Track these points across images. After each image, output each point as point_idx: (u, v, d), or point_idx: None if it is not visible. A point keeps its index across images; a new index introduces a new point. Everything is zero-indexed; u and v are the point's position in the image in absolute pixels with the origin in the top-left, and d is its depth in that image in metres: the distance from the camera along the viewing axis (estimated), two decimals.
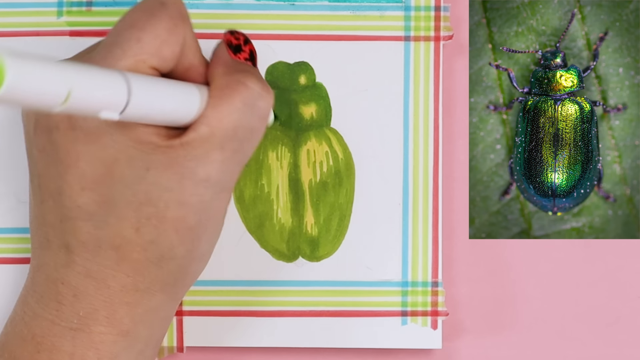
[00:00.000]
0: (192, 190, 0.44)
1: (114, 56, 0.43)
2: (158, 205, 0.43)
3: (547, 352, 0.55)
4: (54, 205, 0.44)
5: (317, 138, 0.54)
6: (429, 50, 0.54)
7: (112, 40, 0.44)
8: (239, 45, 0.47)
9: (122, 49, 0.43)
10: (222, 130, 0.44)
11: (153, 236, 0.44)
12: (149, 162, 0.43)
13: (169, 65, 0.44)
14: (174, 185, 0.43)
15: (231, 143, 0.44)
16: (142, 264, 0.44)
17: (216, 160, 0.44)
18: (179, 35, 0.44)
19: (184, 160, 0.43)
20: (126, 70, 0.42)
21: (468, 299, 0.55)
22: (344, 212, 0.54)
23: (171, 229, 0.44)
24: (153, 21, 0.44)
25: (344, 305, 0.54)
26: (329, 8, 0.54)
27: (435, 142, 0.54)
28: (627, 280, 0.56)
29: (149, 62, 0.43)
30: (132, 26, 0.44)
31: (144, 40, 0.43)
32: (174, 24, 0.44)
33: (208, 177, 0.44)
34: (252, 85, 0.45)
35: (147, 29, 0.43)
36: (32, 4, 0.54)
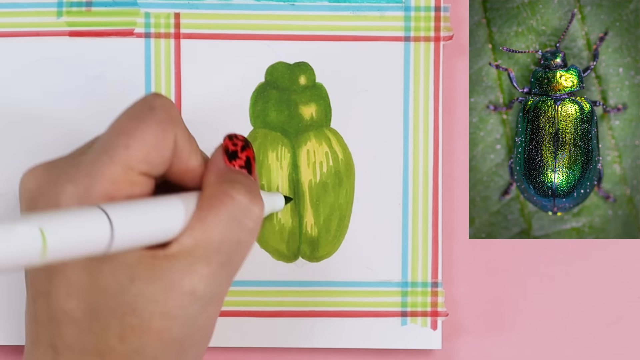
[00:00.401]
0: (178, 303, 0.43)
1: (102, 162, 0.43)
2: (142, 316, 0.43)
3: (547, 352, 0.55)
4: (43, 304, 0.44)
5: (317, 138, 0.54)
6: (429, 50, 0.54)
7: (101, 146, 0.44)
8: (236, 152, 0.46)
9: (109, 155, 0.43)
10: (207, 243, 0.43)
11: (137, 346, 0.43)
12: (133, 274, 0.42)
13: (160, 169, 0.44)
14: (159, 297, 0.43)
15: (217, 256, 0.43)
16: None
17: (202, 274, 0.43)
18: (168, 140, 0.44)
19: (169, 272, 0.43)
20: (114, 177, 0.42)
21: (468, 299, 0.55)
22: (343, 213, 0.54)
23: (155, 339, 0.43)
24: (141, 127, 0.43)
25: (344, 306, 0.54)
26: (329, 8, 0.54)
27: (435, 142, 0.54)
28: (627, 280, 0.56)
29: (138, 168, 0.43)
30: (120, 132, 0.43)
31: (132, 146, 0.43)
32: (162, 129, 0.44)
33: (194, 290, 0.43)
34: (240, 197, 0.44)
35: (135, 135, 0.43)
36: (32, 4, 0.54)
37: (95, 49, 0.54)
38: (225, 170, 0.46)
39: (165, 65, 0.54)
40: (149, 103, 0.44)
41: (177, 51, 0.54)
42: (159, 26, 0.54)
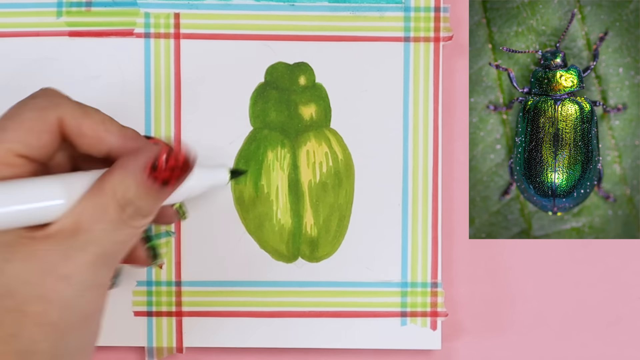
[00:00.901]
0: (53, 286, 0.42)
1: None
2: (16, 298, 0.42)
3: (547, 352, 0.55)
4: None
5: (317, 139, 0.54)
6: (429, 50, 0.54)
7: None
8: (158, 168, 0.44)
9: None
10: (85, 231, 0.43)
11: (14, 329, 0.42)
12: (9, 254, 0.42)
13: (42, 152, 0.44)
14: (35, 279, 0.42)
15: (95, 247, 0.43)
16: (5, 356, 0.43)
17: (78, 261, 0.43)
18: (47, 124, 0.44)
19: (46, 254, 0.42)
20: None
21: (467, 299, 0.55)
22: (343, 213, 0.54)
23: (32, 323, 0.43)
24: (20, 110, 0.44)
25: (344, 306, 0.54)
26: (328, 9, 0.54)
27: (435, 142, 0.54)
28: (627, 280, 0.56)
29: (14, 149, 0.43)
30: (4, 116, 0.44)
31: (9, 128, 0.44)
32: (39, 114, 0.44)
33: (70, 274, 0.43)
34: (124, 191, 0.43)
35: (12, 118, 0.44)
36: (31, 4, 0.54)
37: (95, 49, 0.54)
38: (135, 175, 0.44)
39: (165, 65, 0.54)
40: (34, 93, 0.45)
41: (177, 51, 0.54)
42: (158, 26, 0.54)
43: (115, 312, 0.54)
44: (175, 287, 0.54)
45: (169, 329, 0.54)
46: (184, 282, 0.54)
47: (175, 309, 0.54)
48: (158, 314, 0.54)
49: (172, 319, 0.54)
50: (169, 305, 0.54)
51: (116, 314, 0.54)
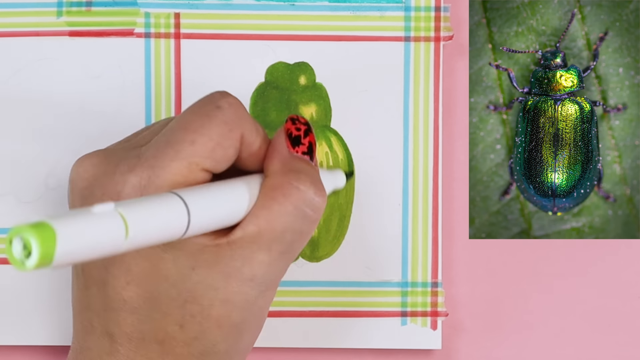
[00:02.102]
0: (237, 289, 0.43)
1: (167, 156, 0.43)
2: (202, 303, 0.43)
3: (547, 352, 0.55)
4: (97, 293, 0.44)
5: (317, 138, 0.54)
6: (429, 50, 0.54)
7: (165, 139, 0.44)
8: (299, 137, 0.46)
9: (175, 149, 0.43)
10: (270, 232, 0.43)
11: (197, 333, 0.43)
12: (194, 261, 0.43)
13: (223, 166, 0.44)
14: (219, 284, 0.43)
15: (279, 245, 0.44)
16: (185, 358, 0.44)
17: (263, 261, 0.44)
18: (233, 139, 0.44)
19: (230, 260, 0.43)
20: (178, 171, 0.43)
21: (468, 299, 0.55)
22: (343, 213, 0.54)
23: (215, 326, 0.44)
24: (208, 125, 0.43)
25: (344, 306, 0.54)
26: (329, 8, 0.54)
27: (435, 142, 0.54)
28: (627, 280, 0.56)
29: (202, 164, 0.43)
30: (186, 128, 0.43)
31: (198, 142, 0.43)
32: (228, 129, 0.44)
33: (253, 276, 0.44)
34: (306, 189, 0.44)
35: (201, 131, 0.43)
36: (32, 4, 0.54)
37: (95, 49, 0.54)
38: (288, 158, 0.45)
39: (165, 65, 0.54)
40: (215, 101, 0.44)
41: (177, 51, 0.54)
42: (159, 26, 0.54)
43: None
44: None
45: None
46: None
47: None
48: None
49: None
50: None
51: None
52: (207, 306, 0.43)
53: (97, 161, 0.44)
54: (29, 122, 0.54)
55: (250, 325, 0.45)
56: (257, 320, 0.45)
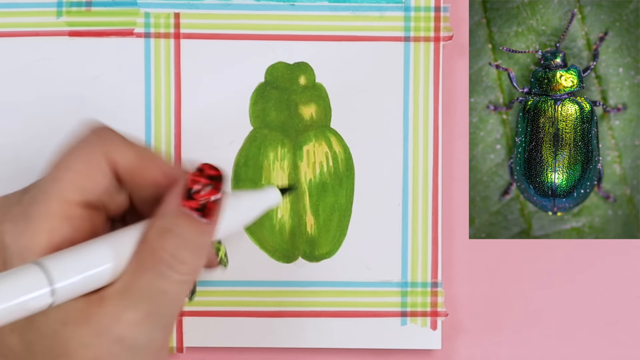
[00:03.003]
0: (107, 349, 0.42)
1: (37, 200, 0.42)
2: (72, 359, 0.42)
3: (547, 352, 0.55)
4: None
5: (317, 138, 0.54)
6: (429, 50, 0.54)
7: (38, 182, 0.43)
8: (192, 192, 0.43)
9: (42, 192, 0.42)
10: (134, 289, 0.42)
11: None
12: (65, 318, 0.42)
13: (99, 194, 0.43)
14: (90, 342, 0.42)
15: (145, 305, 0.42)
16: None
17: (130, 321, 0.42)
18: (100, 166, 0.43)
19: (100, 317, 0.42)
20: (51, 213, 0.42)
21: (468, 299, 0.55)
22: (343, 213, 0.54)
23: None
24: (68, 157, 0.43)
25: (344, 306, 0.54)
26: (329, 8, 0.54)
27: (435, 142, 0.54)
28: (627, 280, 0.56)
29: (73, 199, 0.42)
30: (51, 166, 0.43)
31: (61, 178, 0.42)
32: (90, 157, 0.43)
33: (122, 337, 0.42)
34: (169, 253, 0.42)
35: (61, 166, 0.43)
36: (32, 4, 0.54)
37: (95, 49, 0.54)
38: (171, 213, 0.43)
39: (165, 65, 0.54)
40: (80, 133, 0.44)
41: (177, 51, 0.54)
42: (158, 26, 0.54)
43: None
44: None
45: None
46: None
47: None
48: None
49: None
50: None
51: None
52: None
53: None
54: (28, 122, 0.54)
55: None
56: None
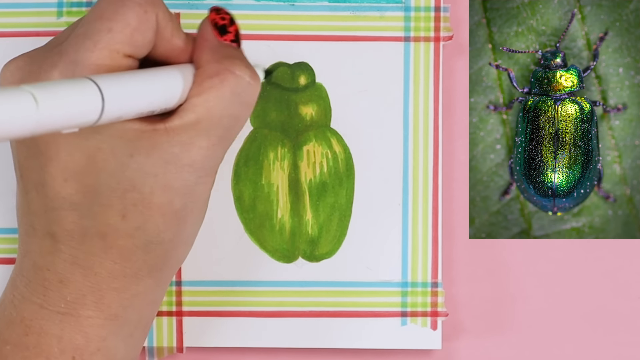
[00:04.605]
0: (177, 175, 0.44)
1: (86, 48, 0.43)
2: (143, 191, 0.43)
3: (547, 352, 0.55)
4: (37, 195, 0.44)
5: (317, 138, 0.54)
6: (429, 50, 0.54)
7: (83, 31, 0.44)
8: (225, 26, 0.47)
9: (93, 40, 0.43)
10: (209, 119, 0.44)
11: (139, 222, 0.44)
12: (132, 149, 0.43)
13: (143, 50, 0.44)
14: (159, 171, 0.43)
15: (217, 131, 0.44)
16: (129, 250, 0.44)
17: (201, 147, 0.44)
18: (150, 22, 0.44)
19: (168, 146, 0.43)
20: (100, 61, 0.43)
21: (468, 299, 0.55)
22: (344, 213, 0.54)
23: (157, 214, 0.44)
24: (122, 10, 0.44)
25: (344, 306, 0.54)
26: (329, 8, 0.54)
27: (435, 142, 0.54)
28: (627, 280, 0.56)
29: (122, 50, 0.43)
30: (101, 17, 0.44)
31: (115, 29, 0.43)
32: (143, 11, 0.44)
33: (192, 162, 0.44)
34: (241, 73, 0.45)
35: (117, 18, 0.43)
36: (32, 4, 0.54)
37: None
38: (219, 46, 0.46)
39: None
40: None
41: None
42: None
43: None
44: (175, 287, 0.54)
45: (169, 328, 0.54)
46: (184, 282, 0.54)
47: (176, 309, 0.54)
48: (158, 314, 0.54)
49: (173, 319, 0.54)
50: (170, 305, 0.54)
51: None
52: (147, 194, 0.43)
53: (22, 63, 0.45)
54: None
55: (192, 212, 0.45)
56: (198, 208, 0.45)
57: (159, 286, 0.46)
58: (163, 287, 0.47)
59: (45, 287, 0.44)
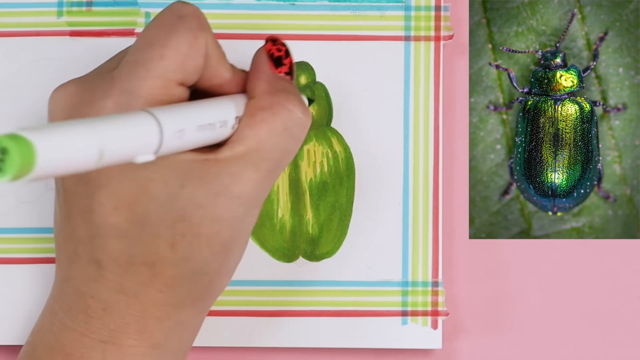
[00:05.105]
0: (226, 207, 0.43)
1: (139, 76, 0.42)
2: (192, 221, 0.43)
3: (547, 352, 0.55)
4: (82, 221, 0.44)
5: (318, 138, 0.54)
6: (429, 50, 0.54)
7: (135, 58, 0.43)
8: (280, 58, 0.47)
9: (146, 68, 0.43)
10: (259, 151, 0.44)
11: (187, 252, 0.43)
12: (183, 179, 0.43)
13: (194, 77, 0.44)
14: (209, 202, 0.43)
15: (267, 164, 0.44)
16: (176, 279, 0.44)
17: (250, 179, 0.44)
18: (200, 47, 0.44)
19: (219, 177, 0.43)
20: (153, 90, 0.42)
21: (468, 299, 0.55)
22: (344, 212, 0.54)
23: (205, 244, 0.43)
24: (173, 36, 0.43)
25: (344, 305, 0.54)
26: (329, 8, 0.54)
27: (435, 142, 0.55)
28: (627, 280, 0.56)
29: (175, 78, 0.43)
30: (153, 44, 0.43)
31: (167, 57, 0.43)
32: (194, 37, 0.43)
33: (242, 194, 0.43)
34: (294, 109, 0.44)
35: (169, 45, 0.43)
36: (32, 4, 0.54)
37: (96, 49, 0.54)
38: (273, 78, 0.46)
39: None
40: (177, 12, 0.44)
41: None
42: None
43: None
44: None
45: None
46: None
47: None
48: None
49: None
50: None
51: None
52: (196, 225, 0.43)
53: (74, 90, 0.44)
54: (29, 122, 0.54)
55: (238, 243, 0.45)
56: (243, 239, 0.45)
57: (200, 314, 0.46)
58: (203, 316, 0.46)
59: (87, 314, 0.44)
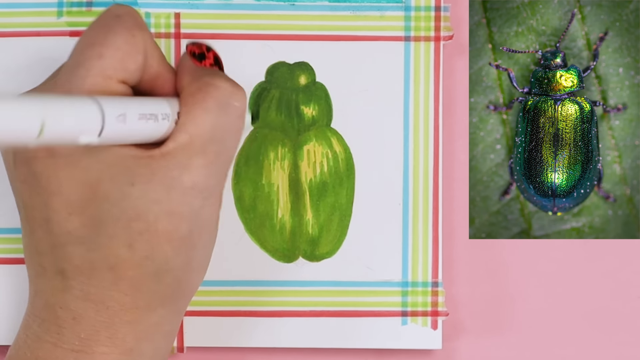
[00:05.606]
0: (180, 200, 0.43)
1: (79, 76, 0.43)
2: (148, 219, 0.43)
3: (547, 352, 0.55)
4: (43, 234, 0.44)
5: (318, 138, 0.54)
6: (429, 50, 0.54)
7: (75, 60, 0.44)
8: (202, 53, 0.47)
9: (86, 67, 0.43)
10: (200, 134, 0.44)
11: (147, 251, 0.43)
12: (132, 177, 0.43)
13: (135, 76, 0.44)
14: (162, 197, 0.43)
15: (212, 146, 0.44)
16: (139, 280, 0.43)
17: (200, 166, 0.44)
18: (138, 44, 0.44)
19: (167, 170, 0.43)
20: (94, 87, 0.43)
21: (468, 299, 0.55)
22: (344, 212, 0.54)
23: (164, 241, 0.43)
24: (111, 35, 0.44)
25: (344, 306, 0.54)
26: (329, 8, 0.54)
27: (435, 142, 0.54)
28: (627, 280, 0.56)
29: (115, 76, 0.43)
30: (92, 44, 0.43)
31: (106, 55, 0.43)
32: (131, 35, 0.44)
33: (194, 184, 0.43)
34: (222, 84, 0.45)
35: (107, 43, 0.43)
36: (32, 4, 0.54)
37: None
38: (197, 69, 0.46)
39: None
40: (113, 12, 0.45)
41: (178, 51, 0.54)
42: (159, 26, 0.54)
43: None
44: None
45: None
46: None
47: None
48: None
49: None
50: None
51: None
52: (153, 221, 0.43)
53: None
54: None
55: (201, 237, 0.44)
56: (207, 232, 0.45)
57: (174, 316, 0.46)
58: (178, 317, 0.46)
59: (58, 325, 0.44)
